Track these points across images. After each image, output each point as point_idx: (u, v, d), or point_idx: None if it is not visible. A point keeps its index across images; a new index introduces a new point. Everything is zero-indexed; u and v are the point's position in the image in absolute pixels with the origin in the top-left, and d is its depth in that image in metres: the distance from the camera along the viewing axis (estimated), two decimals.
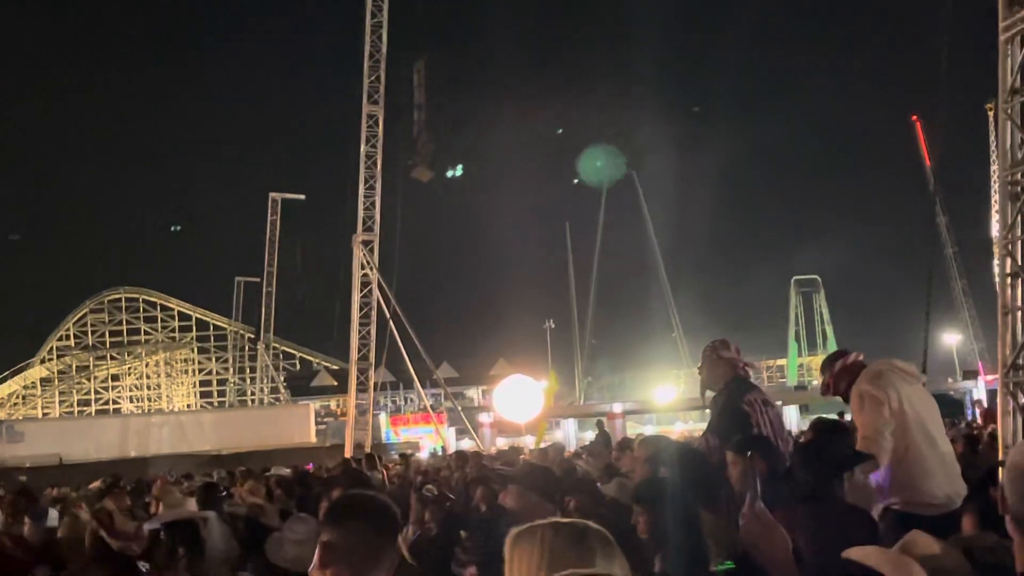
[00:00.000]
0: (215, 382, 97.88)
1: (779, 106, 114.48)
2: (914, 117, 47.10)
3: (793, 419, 47.13)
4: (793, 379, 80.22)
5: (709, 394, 8.12)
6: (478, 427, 48.01)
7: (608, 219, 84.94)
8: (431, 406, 53.11)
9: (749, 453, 6.08)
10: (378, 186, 39.48)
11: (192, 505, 7.97)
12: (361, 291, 40.32)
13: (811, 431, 7.56)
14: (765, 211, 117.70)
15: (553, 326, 76.63)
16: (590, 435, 27.24)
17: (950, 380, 56.06)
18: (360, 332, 40.66)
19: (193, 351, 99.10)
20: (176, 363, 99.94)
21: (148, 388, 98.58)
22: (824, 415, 13.26)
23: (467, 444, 43.62)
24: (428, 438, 51.23)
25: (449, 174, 46.99)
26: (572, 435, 49.77)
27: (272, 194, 70.65)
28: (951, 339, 63.62)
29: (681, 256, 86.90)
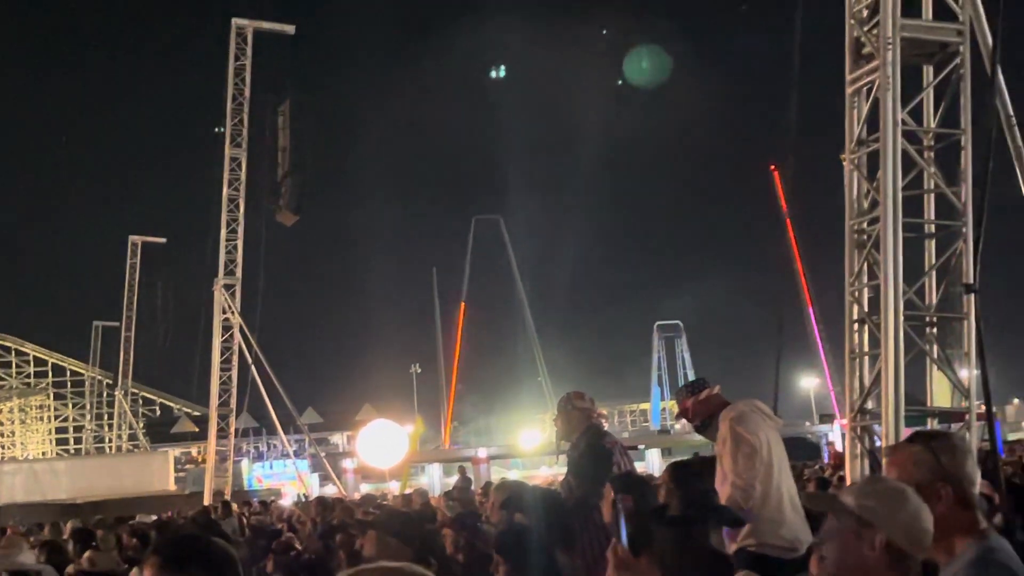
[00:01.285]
0: (71, 429, 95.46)
1: (643, 155, 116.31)
2: (772, 166, 48.09)
3: (655, 462, 47.66)
4: (656, 423, 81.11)
5: (564, 445, 8.21)
6: (342, 473, 47.57)
7: (475, 264, 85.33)
8: (295, 452, 52.47)
9: (618, 493, 6.14)
10: (240, 230, 39.01)
11: (28, 556, 7.67)
12: (222, 336, 39.75)
13: (671, 477, 7.60)
14: (631, 257, 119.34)
15: (419, 370, 76.49)
16: (456, 480, 27.23)
17: (807, 424, 57.14)
18: (221, 377, 40.04)
19: (49, 397, 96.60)
20: (31, 409, 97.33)
21: (1, 435, 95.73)
22: (683, 458, 13.40)
23: (331, 490, 43.18)
24: (291, 484, 50.60)
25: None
26: (437, 480, 49.62)
27: (132, 237, 69.18)
28: (808, 383, 64.86)
29: (548, 301, 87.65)
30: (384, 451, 36.34)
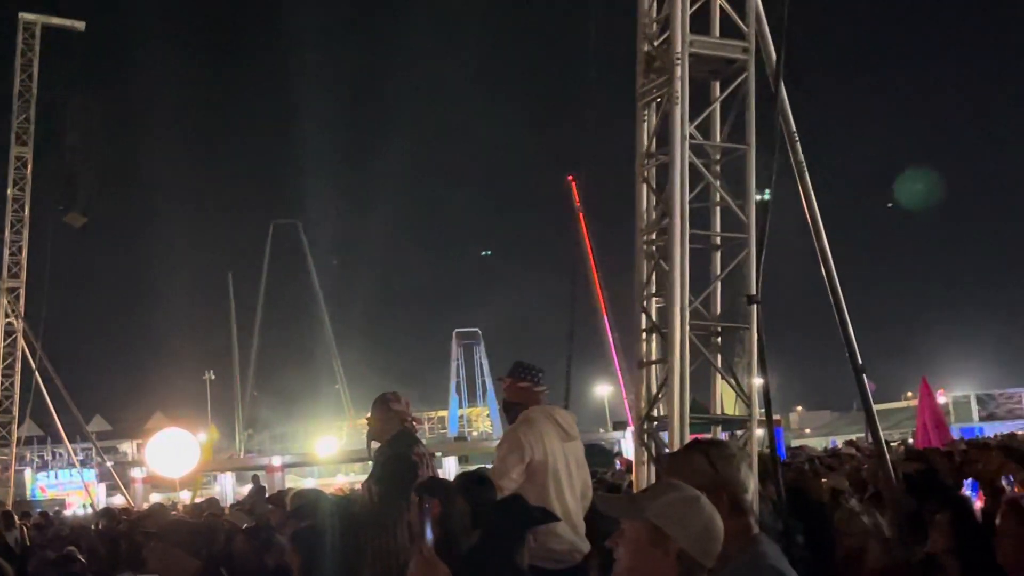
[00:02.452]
0: None
1: (445, 161, 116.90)
2: (570, 177, 48.83)
3: (452, 469, 47.82)
4: (454, 430, 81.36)
5: (375, 445, 8.09)
6: (131, 482, 46.34)
7: (273, 269, 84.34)
8: (81, 461, 50.94)
9: (423, 498, 6.12)
10: (25, 231, 37.62)
11: None
12: (5, 340, 38.29)
13: (461, 488, 7.58)
14: (430, 264, 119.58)
15: (213, 377, 74.99)
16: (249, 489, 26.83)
17: (601, 431, 58.07)
18: (3, 384, 38.56)
19: None
20: None
21: None
22: (475, 467, 13.48)
23: (119, 500, 42.00)
24: (77, 494, 49.13)
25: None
26: (230, 489, 48.71)
27: None
28: (603, 390, 65.96)
29: (347, 307, 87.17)
30: (175, 460, 35.39)
